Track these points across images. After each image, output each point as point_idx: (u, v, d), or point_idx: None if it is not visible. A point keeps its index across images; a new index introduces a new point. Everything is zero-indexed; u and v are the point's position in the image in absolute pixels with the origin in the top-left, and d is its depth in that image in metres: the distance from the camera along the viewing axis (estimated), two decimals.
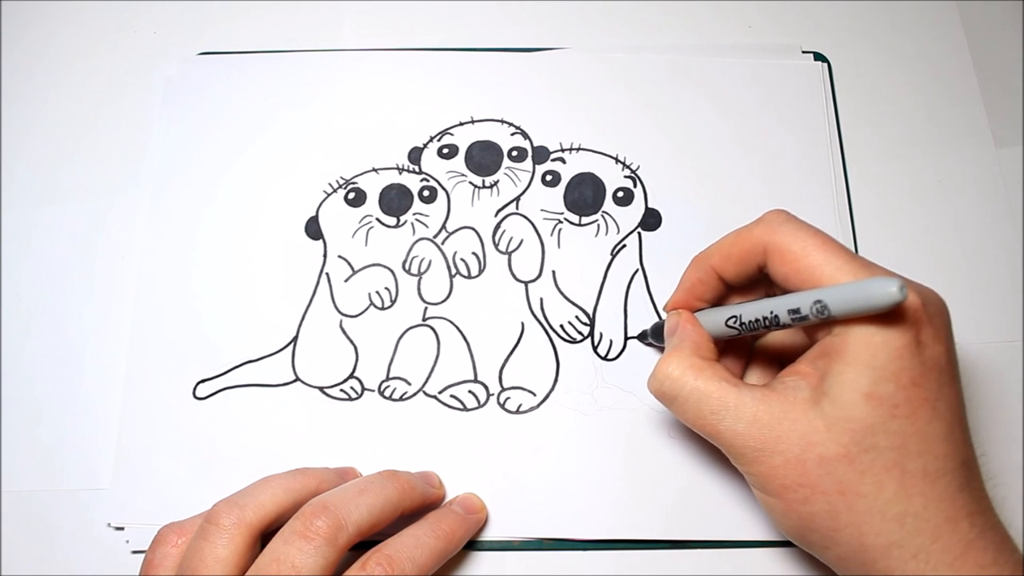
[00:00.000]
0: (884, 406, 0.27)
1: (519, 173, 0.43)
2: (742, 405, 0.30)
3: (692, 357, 0.32)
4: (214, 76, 0.46)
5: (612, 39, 0.47)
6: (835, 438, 0.28)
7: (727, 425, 0.30)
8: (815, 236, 0.30)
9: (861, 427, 0.28)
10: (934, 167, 0.44)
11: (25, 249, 0.43)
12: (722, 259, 0.33)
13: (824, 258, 0.29)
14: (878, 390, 0.27)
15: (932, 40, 0.47)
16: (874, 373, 0.27)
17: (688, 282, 0.35)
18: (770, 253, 0.31)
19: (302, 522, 0.31)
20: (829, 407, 0.28)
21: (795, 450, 0.28)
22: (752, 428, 0.29)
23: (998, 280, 0.42)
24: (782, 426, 0.29)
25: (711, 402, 0.30)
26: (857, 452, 0.28)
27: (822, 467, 0.28)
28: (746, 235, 0.32)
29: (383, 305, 0.41)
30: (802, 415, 0.29)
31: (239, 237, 0.42)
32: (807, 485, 0.28)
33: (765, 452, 0.29)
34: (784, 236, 0.30)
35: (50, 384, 0.41)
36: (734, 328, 0.32)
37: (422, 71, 0.46)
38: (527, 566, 0.37)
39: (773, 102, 0.44)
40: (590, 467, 0.38)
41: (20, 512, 0.39)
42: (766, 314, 0.30)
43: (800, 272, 0.29)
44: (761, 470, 0.29)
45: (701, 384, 0.31)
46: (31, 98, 0.46)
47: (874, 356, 0.27)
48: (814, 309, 0.28)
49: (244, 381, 0.40)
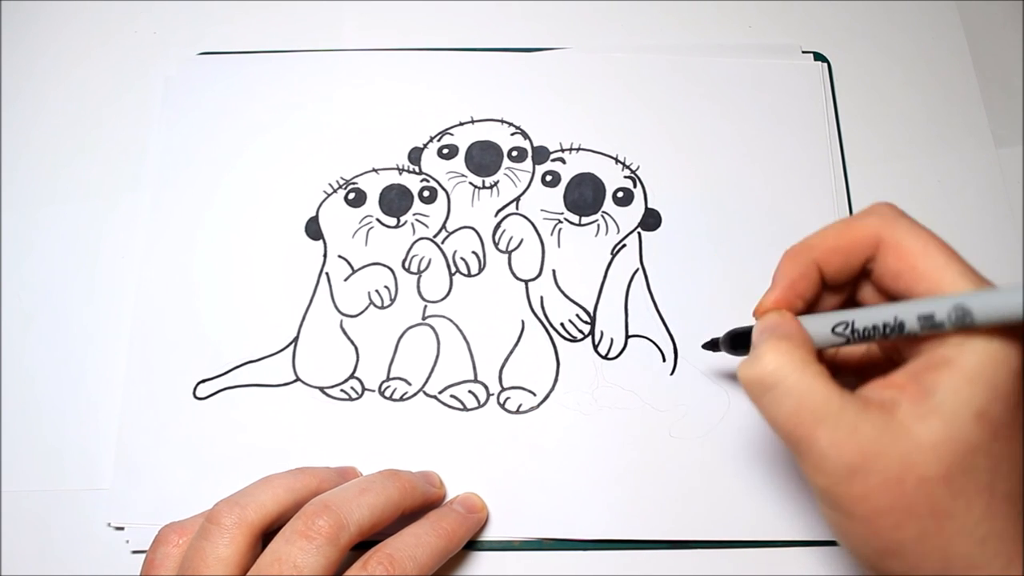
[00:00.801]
0: (991, 426, 0.26)
1: (519, 173, 0.43)
2: (845, 412, 0.27)
3: (799, 349, 0.28)
4: (214, 76, 0.46)
5: (612, 39, 0.47)
6: (939, 458, 0.26)
7: (825, 431, 0.27)
8: (933, 236, 0.28)
9: (966, 447, 0.26)
10: (934, 167, 0.44)
11: (25, 249, 0.43)
12: (827, 251, 0.30)
13: (945, 261, 0.27)
14: (990, 409, 0.26)
15: (932, 40, 0.47)
16: (991, 392, 0.26)
17: (786, 278, 0.30)
18: (885, 247, 0.28)
19: (304, 521, 0.31)
20: (937, 424, 0.26)
21: (895, 470, 0.26)
22: (852, 440, 0.26)
23: (998, 280, 0.42)
24: (883, 441, 0.26)
25: (814, 401, 0.27)
26: (957, 473, 0.26)
27: (921, 489, 0.26)
28: (857, 225, 0.29)
29: (383, 304, 0.41)
30: (904, 431, 0.26)
31: (239, 237, 0.42)
32: (901, 509, 0.26)
33: (861, 471, 0.26)
34: (902, 231, 0.28)
35: (50, 384, 0.41)
36: (842, 336, 0.29)
37: (422, 71, 0.46)
38: (527, 566, 0.37)
39: (773, 102, 0.44)
40: (590, 467, 0.38)
41: (20, 512, 0.39)
42: (888, 320, 0.27)
43: (917, 270, 0.27)
44: (852, 491, 0.27)
45: (807, 380, 0.27)
46: (31, 98, 0.46)
47: (995, 373, 0.26)
48: (953, 315, 0.25)
49: (244, 381, 0.40)
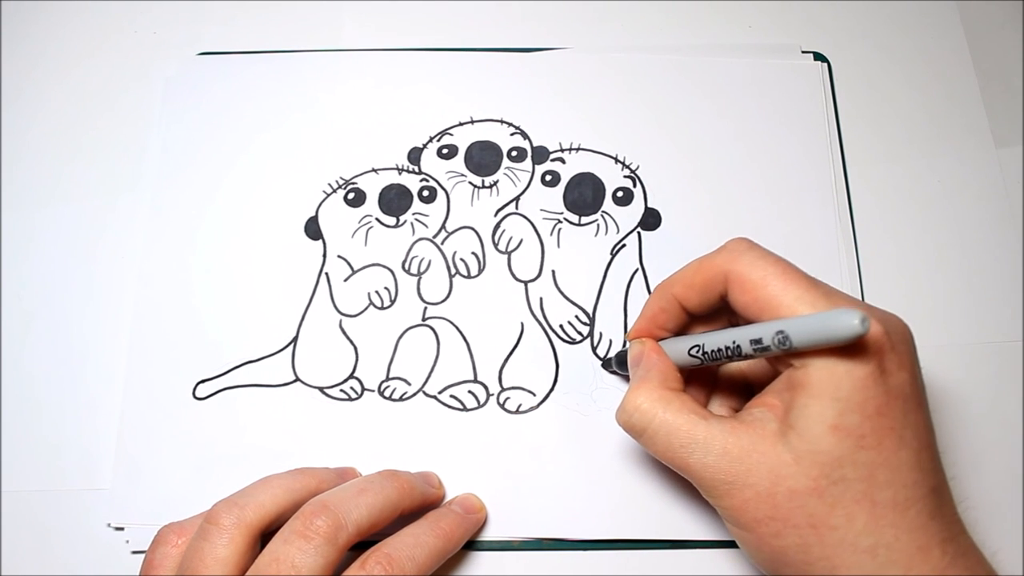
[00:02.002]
0: (851, 437, 0.27)
1: (519, 173, 0.43)
2: (711, 438, 0.30)
3: (660, 389, 0.32)
4: (214, 76, 0.46)
5: (612, 39, 0.47)
6: (804, 471, 0.28)
7: (696, 458, 0.30)
8: (775, 265, 0.30)
9: (829, 459, 0.27)
10: (934, 167, 0.44)
11: (25, 249, 0.43)
12: (684, 287, 0.33)
13: (783, 287, 0.29)
14: (844, 421, 0.27)
15: (932, 40, 0.47)
16: (839, 404, 0.27)
17: (651, 311, 0.35)
18: (731, 282, 0.30)
19: (302, 521, 0.31)
20: (796, 440, 0.28)
21: (765, 483, 0.28)
22: (722, 461, 0.29)
23: (998, 280, 0.42)
24: (751, 459, 0.29)
25: (680, 435, 0.30)
26: (826, 485, 0.27)
27: (792, 500, 0.28)
28: (708, 263, 0.32)
29: (383, 305, 0.41)
30: (771, 448, 0.28)
31: (239, 237, 0.42)
32: (778, 519, 0.28)
33: (735, 486, 0.29)
34: (744, 265, 0.30)
35: (50, 384, 0.41)
36: (697, 358, 0.32)
37: (422, 71, 0.46)
38: (527, 566, 0.37)
39: (773, 102, 0.44)
40: (589, 467, 0.38)
41: (20, 512, 0.39)
42: (728, 344, 0.30)
43: (759, 301, 0.29)
44: (732, 503, 0.29)
45: (670, 417, 0.31)
46: (31, 98, 0.46)
47: (838, 387, 0.27)
48: (776, 340, 0.27)
49: (244, 381, 0.40)
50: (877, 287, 0.41)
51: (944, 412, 0.40)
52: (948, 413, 0.40)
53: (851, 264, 0.42)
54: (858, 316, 0.25)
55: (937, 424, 0.39)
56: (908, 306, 0.41)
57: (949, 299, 0.42)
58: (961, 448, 0.39)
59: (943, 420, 0.39)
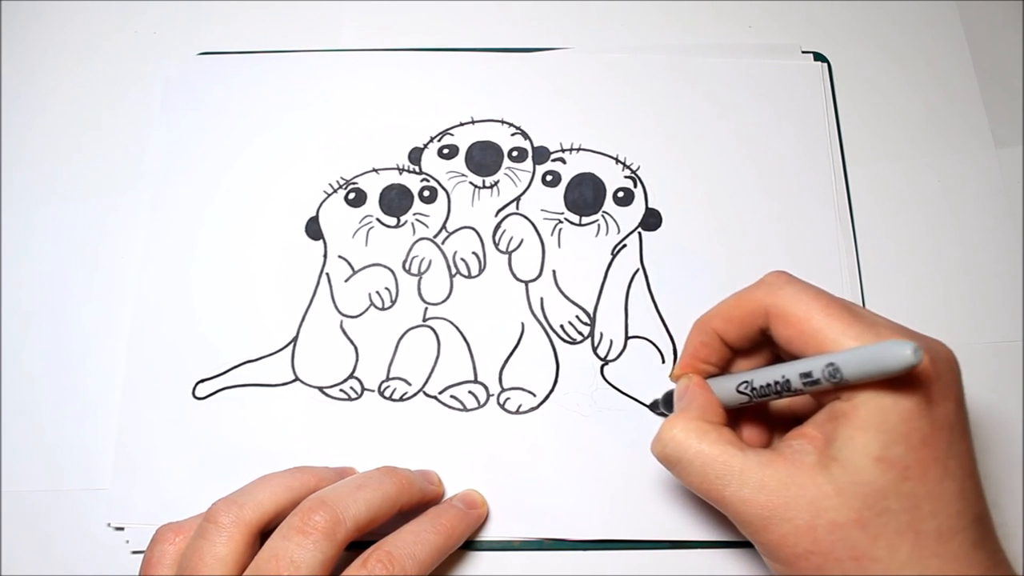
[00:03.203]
0: (895, 469, 0.27)
1: (519, 173, 0.43)
2: (748, 470, 0.29)
3: (697, 420, 0.31)
4: (214, 76, 0.46)
5: (612, 39, 0.47)
6: (847, 503, 0.27)
7: (732, 491, 0.29)
8: (818, 299, 0.29)
9: (872, 491, 0.27)
10: (934, 167, 0.44)
11: (25, 249, 0.43)
12: (723, 322, 0.32)
13: (827, 322, 0.28)
14: (889, 453, 0.27)
15: (932, 40, 0.47)
16: (884, 436, 0.27)
17: (692, 347, 0.34)
18: (772, 316, 0.30)
19: (300, 518, 0.31)
20: (839, 472, 0.27)
21: (805, 516, 0.28)
22: (759, 494, 0.28)
23: (998, 280, 0.42)
24: (790, 492, 0.28)
25: (716, 466, 0.29)
26: (869, 516, 0.27)
27: (834, 533, 0.27)
28: (747, 298, 0.31)
29: (383, 305, 0.41)
30: (810, 480, 0.28)
31: (239, 237, 0.42)
32: (819, 553, 0.28)
33: (773, 520, 0.28)
34: (786, 299, 0.30)
35: (50, 384, 0.41)
36: (745, 394, 0.31)
37: (422, 71, 0.46)
38: (527, 566, 0.37)
39: (773, 102, 0.44)
40: (589, 468, 0.38)
41: (20, 512, 0.39)
42: (778, 379, 0.29)
43: (804, 335, 0.29)
44: (771, 539, 0.28)
45: (705, 447, 0.30)
46: (31, 98, 0.46)
47: (884, 419, 0.27)
48: (826, 373, 0.27)
49: (244, 381, 0.40)
50: (877, 287, 0.41)
51: None
52: None
53: (851, 264, 0.42)
54: (910, 347, 0.24)
55: None
56: (908, 306, 0.41)
57: (949, 299, 0.42)
58: None
59: None
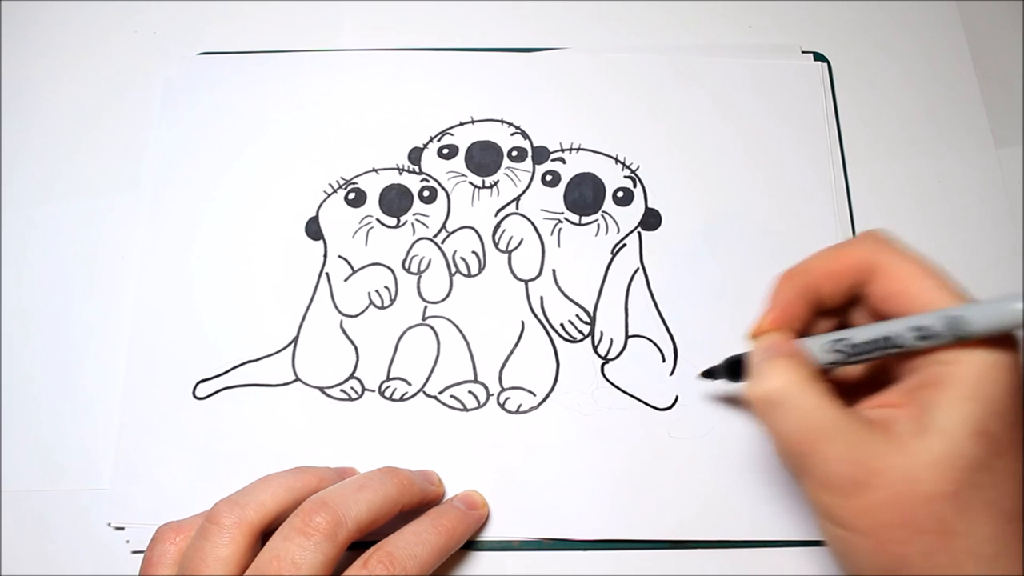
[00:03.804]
0: (991, 443, 0.26)
1: (519, 173, 0.43)
2: (849, 429, 0.27)
3: (803, 368, 0.29)
4: (214, 76, 0.46)
5: (612, 39, 0.47)
6: (943, 475, 0.26)
7: (831, 448, 0.27)
8: (921, 261, 0.29)
9: (969, 464, 0.26)
10: (934, 167, 0.44)
11: (25, 249, 0.43)
12: (821, 275, 0.31)
13: (938, 283, 0.28)
14: (989, 426, 0.26)
15: (932, 40, 0.47)
16: (987, 407, 0.26)
17: (783, 300, 0.31)
18: (879, 272, 0.29)
19: (301, 518, 0.31)
20: (937, 441, 0.26)
21: (899, 485, 0.26)
22: (856, 456, 0.27)
23: (998, 280, 0.42)
24: (885, 459, 0.27)
25: (819, 417, 0.28)
26: (962, 490, 0.26)
27: (927, 505, 0.26)
28: (846, 252, 0.31)
29: (383, 304, 0.41)
30: (905, 448, 0.27)
31: (239, 237, 0.42)
32: (907, 524, 0.27)
33: (865, 485, 0.27)
34: (893, 256, 0.29)
35: (50, 384, 0.41)
36: (842, 352, 0.30)
37: (422, 71, 0.46)
38: (527, 566, 0.37)
39: (773, 102, 0.44)
40: (590, 467, 0.38)
41: (20, 512, 0.39)
42: (885, 335, 0.28)
43: (910, 292, 0.28)
44: (857, 504, 0.27)
45: (811, 397, 0.28)
46: (31, 98, 0.46)
47: (993, 390, 0.26)
48: (949, 325, 0.26)
49: (244, 381, 0.40)
50: None
51: None
52: None
53: None
54: None
55: None
56: None
57: None
58: None
59: None
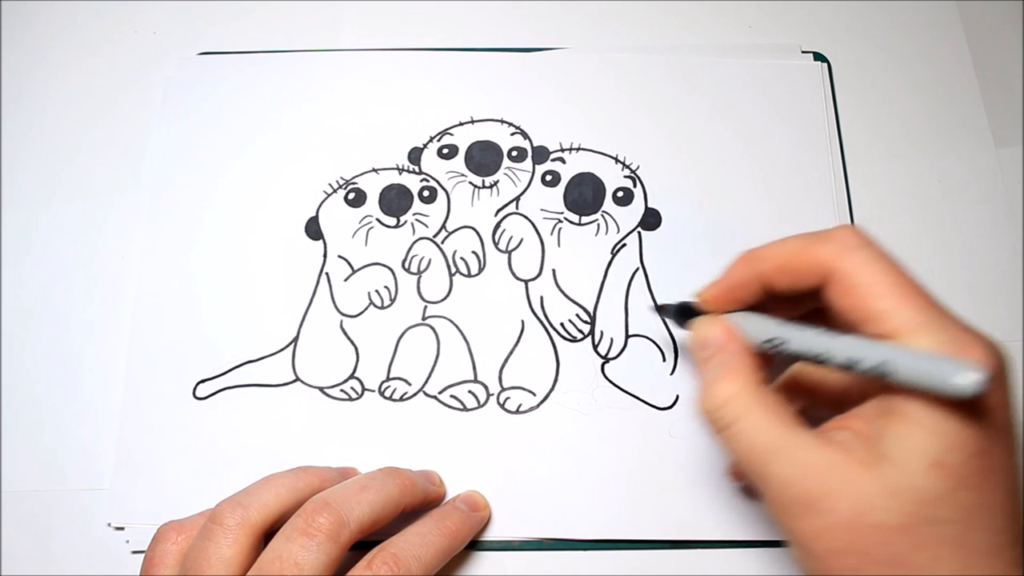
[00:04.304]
0: (952, 476, 0.25)
1: (519, 173, 0.43)
2: (797, 449, 0.27)
3: (753, 385, 0.29)
4: (214, 76, 0.46)
5: (612, 39, 0.47)
6: (896, 506, 0.25)
7: (777, 469, 0.27)
8: (891, 272, 0.27)
9: (926, 497, 0.25)
10: (934, 167, 0.44)
11: (25, 249, 0.43)
12: (777, 270, 0.29)
13: (896, 304, 0.26)
14: (947, 459, 0.25)
15: (932, 40, 0.47)
16: (943, 440, 0.25)
17: (732, 280, 0.31)
18: (834, 280, 0.28)
19: (304, 519, 0.31)
20: (891, 472, 0.25)
21: (847, 512, 0.26)
22: (804, 477, 0.26)
23: (998, 280, 0.42)
24: (835, 481, 0.26)
25: (766, 437, 0.27)
26: (917, 524, 0.25)
27: (877, 536, 0.25)
28: (810, 252, 0.29)
29: (383, 304, 0.41)
30: (858, 475, 0.26)
31: (239, 237, 0.42)
32: (857, 553, 0.26)
33: (813, 508, 0.26)
34: (855, 265, 0.27)
35: (50, 384, 0.41)
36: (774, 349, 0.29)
37: (422, 71, 0.46)
38: (527, 566, 0.37)
39: (773, 102, 0.44)
40: (590, 467, 0.38)
41: (20, 512, 0.39)
42: (819, 352, 0.27)
43: (863, 311, 0.27)
44: (806, 527, 0.26)
45: (760, 417, 0.28)
46: (31, 98, 0.46)
47: (943, 421, 0.25)
48: (876, 369, 0.25)
49: (244, 381, 0.40)
50: None
51: None
52: None
53: None
54: (982, 375, 0.23)
55: None
56: None
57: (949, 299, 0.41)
58: None
59: None
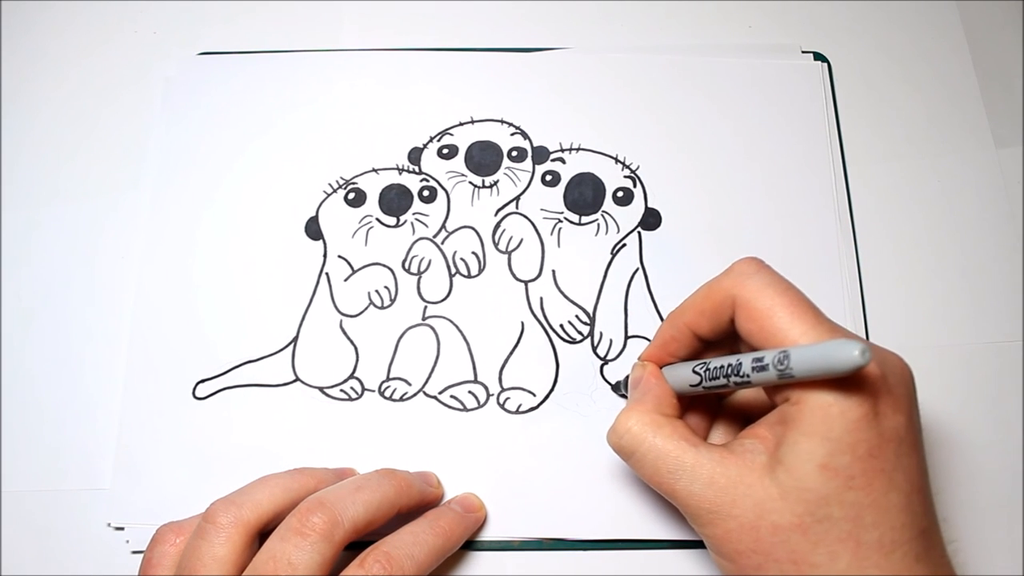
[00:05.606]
0: (839, 477, 0.27)
1: (519, 173, 0.43)
2: (699, 466, 0.30)
3: (652, 413, 0.32)
4: (214, 76, 0.46)
5: (612, 39, 0.47)
6: (789, 507, 0.28)
7: (683, 485, 0.30)
8: (784, 294, 0.29)
9: (815, 497, 0.27)
10: (934, 167, 0.44)
11: (25, 249, 0.43)
12: (695, 314, 0.32)
13: (790, 320, 0.28)
14: (834, 462, 0.27)
15: (932, 40, 0.47)
16: (830, 444, 0.27)
17: (662, 338, 0.34)
18: (737, 307, 0.30)
19: (298, 519, 0.31)
20: (784, 476, 0.28)
21: (749, 516, 0.28)
22: (708, 490, 0.29)
23: (998, 280, 0.42)
24: (737, 490, 0.29)
25: (668, 460, 0.30)
26: (811, 522, 0.27)
27: (776, 535, 0.28)
28: (716, 287, 0.31)
29: (383, 304, 0.41)
30: (757, 481, 0.28)
31: (239, 237, 0.42)
32: (760, 552, 0.28)
33: (719, 515, 0.29)
34: (751, 291, 0.29)
35: (50, 384, 0.41)
36: (698, 374, 0.31)
37: (422, 71, 0.46)
38: (527, 566, 0.37)
39: (773, 102, 0.44)
40: (589, 467, 0.38)
41: (20, 512, 0.39)
42: (732, 362, 0.29)
43: (764, 331, 0.29)
44: (715, 532, 0.29)
45: (660, 441, 0.31)
46: (31, 98, 0.46)
47: (830, 427, 0.27)
48: (776, 361, 0.27)
49: (244, 381, 0.40)
50: (877, 287, 0.41)
51: (944, 413, 0.40)
52: (948, 414, 0.40)
53: (851, 264, 0.42)
54: (859, 348, 0.24)
55: (936, 425, 0.39)
56: (908, 306, 0.41)
57: (949, 299, 0.42)
58: (961, 449, 0.39)
59: (943, 422, 0.39)
